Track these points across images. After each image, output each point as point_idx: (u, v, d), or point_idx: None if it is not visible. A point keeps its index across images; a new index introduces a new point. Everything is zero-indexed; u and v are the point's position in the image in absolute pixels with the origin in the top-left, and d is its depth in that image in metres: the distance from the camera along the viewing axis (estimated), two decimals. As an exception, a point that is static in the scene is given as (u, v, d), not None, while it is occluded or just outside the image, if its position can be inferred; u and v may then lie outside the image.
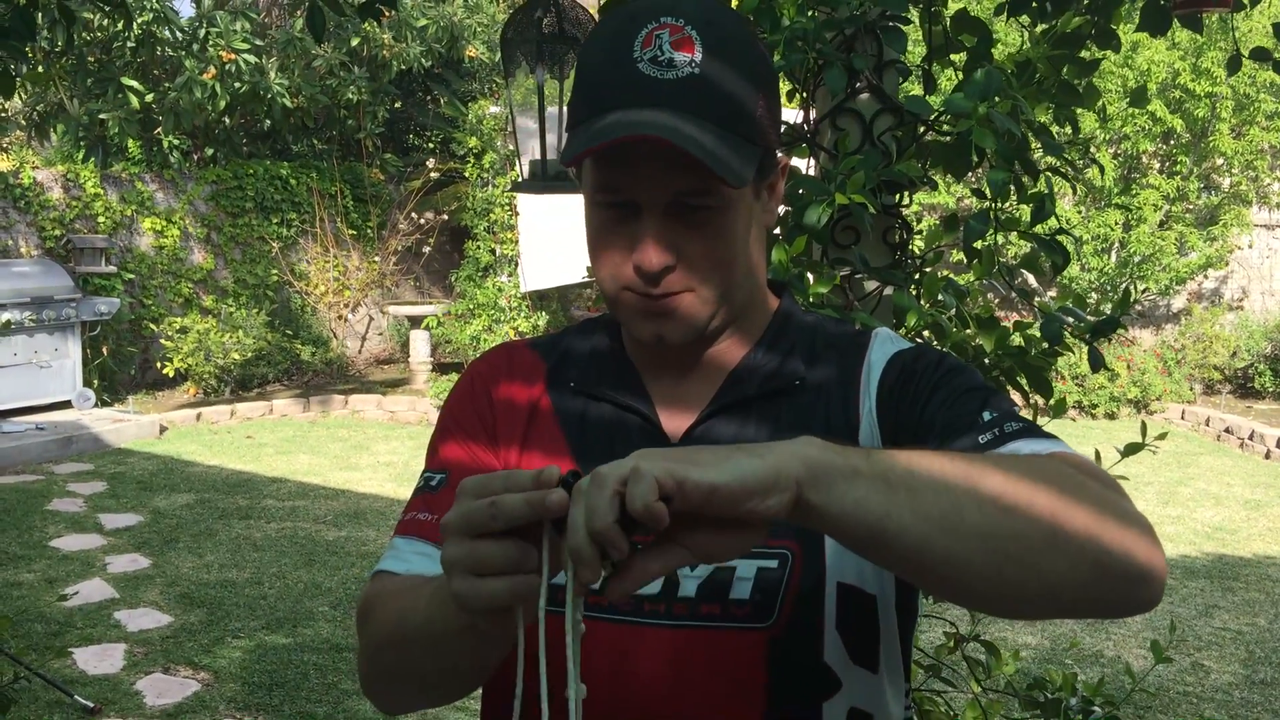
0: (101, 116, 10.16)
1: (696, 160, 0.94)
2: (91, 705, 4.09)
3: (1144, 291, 11.32)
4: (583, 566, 0.75)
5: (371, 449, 8.82)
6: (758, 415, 1.06)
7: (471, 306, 11.25)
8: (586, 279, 10.45)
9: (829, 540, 1.01)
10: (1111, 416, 10.67)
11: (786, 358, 1.09)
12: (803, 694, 1.02)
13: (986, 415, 0.98)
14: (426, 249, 12.55)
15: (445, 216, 12.41)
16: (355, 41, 11.32)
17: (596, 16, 2.35)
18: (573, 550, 0.75)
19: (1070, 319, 1.81)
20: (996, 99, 1.57)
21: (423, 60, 11.80)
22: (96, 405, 9.45)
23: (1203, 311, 11.68)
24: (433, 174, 12.50)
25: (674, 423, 1.08)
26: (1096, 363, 1.74)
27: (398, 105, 13.04)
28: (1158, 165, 11.54)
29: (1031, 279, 9.54)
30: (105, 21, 9.58)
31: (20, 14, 1.87)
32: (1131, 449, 1.94)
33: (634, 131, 0.95)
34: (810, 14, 1.78)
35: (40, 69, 7.88)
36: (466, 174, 11.75)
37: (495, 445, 1.12)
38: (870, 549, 0.82)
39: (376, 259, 12.23)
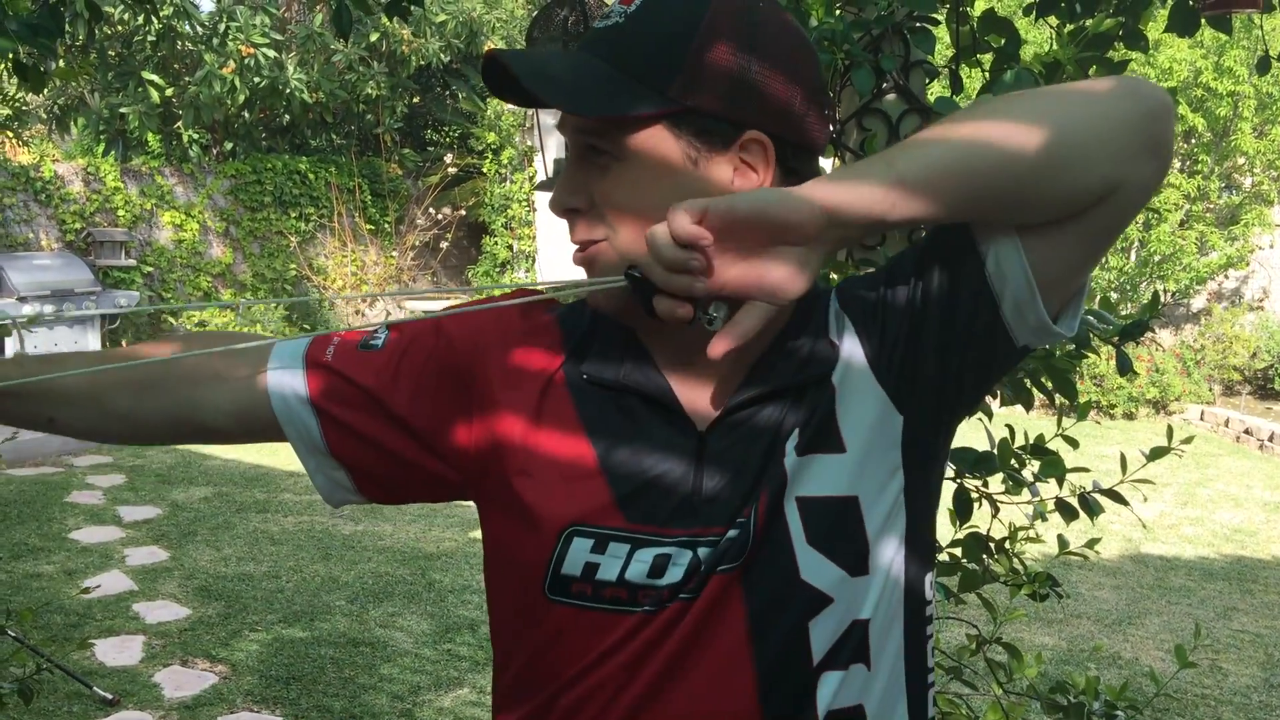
0: (122, 110, 10.23)
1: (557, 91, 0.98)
2: (110, 696, 4.11)
3: (1165, 292, 11.26)
4: (678, 279, 0.91)
5: (388, 443, 8.84)
6: (793, 403, 1.03)
7: (488, 302, 11.27)
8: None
9: (790, 457, 1.01)
10: (1130, 417, 10.62)
11: (816, 342, 1.05)
12: (784, 618, 1.01)
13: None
14: (444, 244, 12.58)
15: (463, 212, 12.43)
16: (374, 37, 11.35)
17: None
18: (664, 262, 0.91)
19: (1096, 321, 1.80)
20: (1025, 100, 1.56)
21: (441, 55, 11.82)
22: (115, 398, 9.49)
23: (1223, 311, 11.61)
24: (450, 169, 12.52)
25: (700, 409, 1.04)
26: (1124, 366, 1.73)
27: (416, 100, 13.07)
28: (1178, 164, 11.47)
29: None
30: (126, 16, 9.62)
31: (50, 11, 1.89)
32: (1157, 453, 1.92)
33: (502, 56, 1.00)
34: (838, 14, 1.77)
35: (62, 63, 7.91)
36: (485, 169, 11.79)
37: (461, 391, 1.09)
38: (924, 198, 0.92)
39: (394, 254, 12.26)
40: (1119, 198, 0.95)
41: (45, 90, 10.28)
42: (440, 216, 12.55)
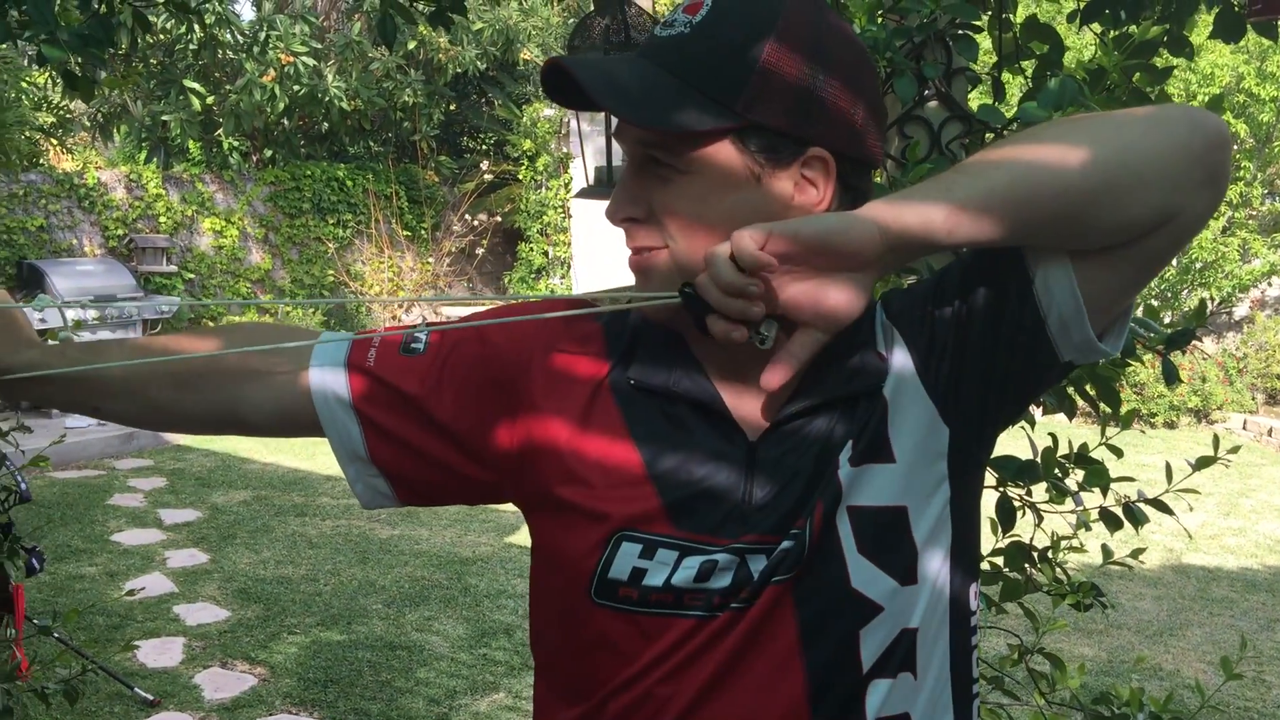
0: (164, 118, 10.35)
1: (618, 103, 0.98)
2: (151, 698, 4.15)
3: (1211, 300, 11.12)
4: (734, 303, 0.93)
5: (424, 449, 8.88)
6: (843, 414, 1.03)
7: (524, 308, 11.31)
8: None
9: (845, 469, 1.01)
10: (1171, 426, 10.50)
11: (865, 353, 1.05)
12: (835, 626, 1.01)
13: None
14: (480, 250, 12.64)
15: (498, 218, 12.49)
16: (412, 45, 11.43)
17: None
18: (722, 285, 0.92)
19: (1141, 329, 1.79)
20: (1070, 107, 1.55)
21: (478, 63, 11.89)
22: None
23: (1266, 319, 11.46)
24: (486, 176, 12.58)
25: (750, 418, 1.04)
26: (1171, 375, 1.71)
27: (453, 108, 13.15)
28: (1220, 170, 11.32)
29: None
30: (170, 24, 9.74)
31: (100, 21, 1.92)
32: (1204, 462, 1.90)
33: (567, 64, 0.99)
34: (880, 22, 1.77)
35: (105, 73, 8.04)
36: (520, 176, 11.84)
37: (505, 397, 1.09)
38: (983, 222, 0.93)
39: (430, 260, 12.33)
40: (1173, 226, 0.95)
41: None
42: (476, 223, 12.61)
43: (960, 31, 1.80)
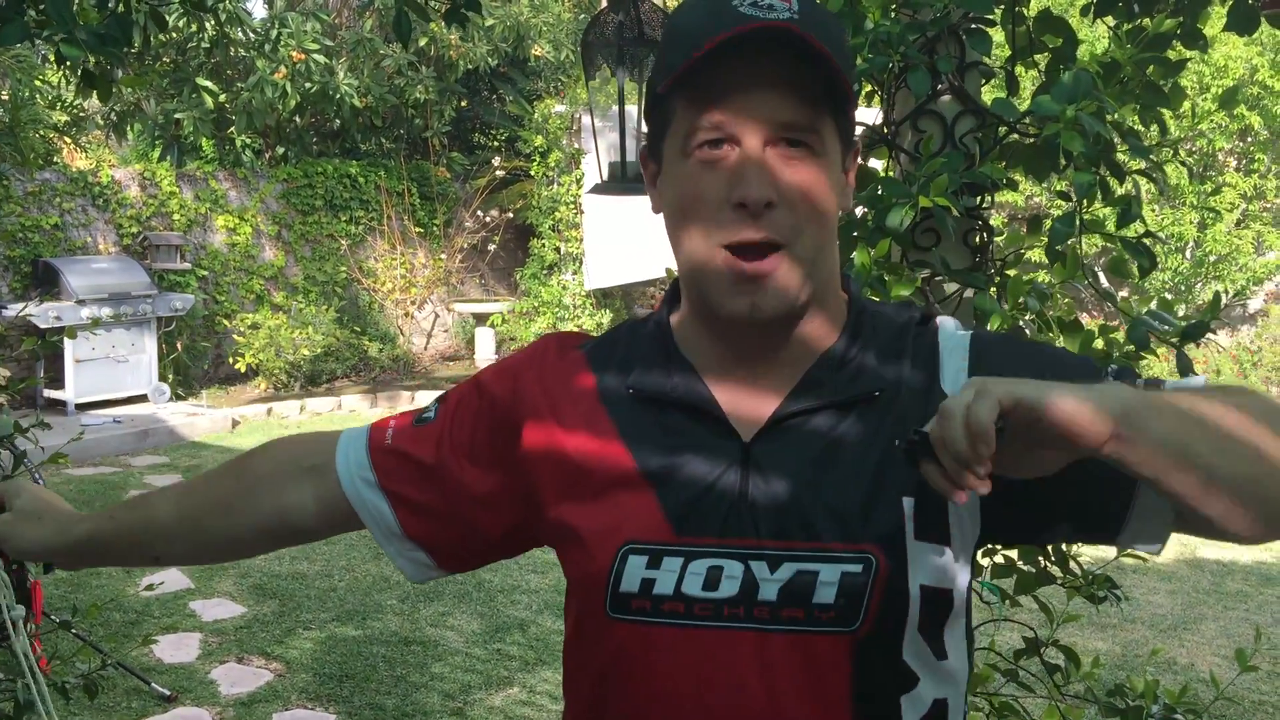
0: (177, 116, 10.38)
1: (805, 81, 0.96)
2: (168, 693, 4.18)
3: (1226, 293, 11.08)
4: (961, 463, 0.84)
5: (437, 445, 8.89)
6: (842, 417, 1.03)
7: (536, 304, 11.34)
8: (651, 277, 10.47)
9: (911, 542, 1.01)
10: (1184, 419, 10.46)
11: (865, 358, 1.05)
12: (884, 692, 1.02)
13: (1109, 369, 1.04)
14: (492, 247, 12.65)
15: (510, 214, 12.49)
16: (423, 42, 11.43)
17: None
18: (959, 456, 0.84)
19: (1155, 322, 1.79)
20: (1083, 101, 1.56)
21: (489, 59, 11.89)
22: (171, 399, 9.65)
23: (1280, 312, 11.41)
24: (498, 172, 12.59)
25: (746, 417, 1.04)
26: (1185, 368, 1.71)
27: (464, 104, 13.15)
28: (1234, 163, 11.30)
29: (1103, 279, 9.37)
30: (182, 22, 9.76)
31: (118, 20, 1.93)
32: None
33: (755, 26, 0.94)
34: (894, 16, 1.77)
35: (122, 72, 8.06)
36: (532, 172, 11.85)
37: (510, 441, 1.12)
38: (1169, 476, 0.87)
39: (443, 256, 12.35)
40: None
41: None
42: (488, 219, 12.61)
43: (974, 26, 1.80)
